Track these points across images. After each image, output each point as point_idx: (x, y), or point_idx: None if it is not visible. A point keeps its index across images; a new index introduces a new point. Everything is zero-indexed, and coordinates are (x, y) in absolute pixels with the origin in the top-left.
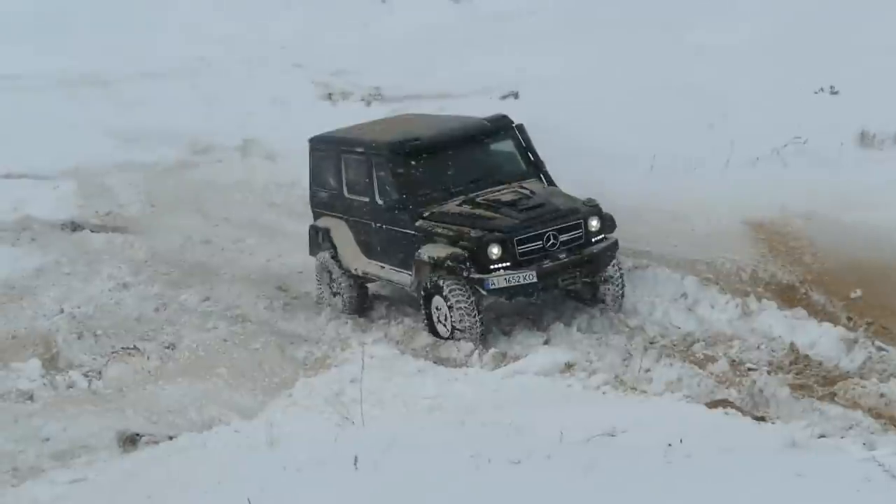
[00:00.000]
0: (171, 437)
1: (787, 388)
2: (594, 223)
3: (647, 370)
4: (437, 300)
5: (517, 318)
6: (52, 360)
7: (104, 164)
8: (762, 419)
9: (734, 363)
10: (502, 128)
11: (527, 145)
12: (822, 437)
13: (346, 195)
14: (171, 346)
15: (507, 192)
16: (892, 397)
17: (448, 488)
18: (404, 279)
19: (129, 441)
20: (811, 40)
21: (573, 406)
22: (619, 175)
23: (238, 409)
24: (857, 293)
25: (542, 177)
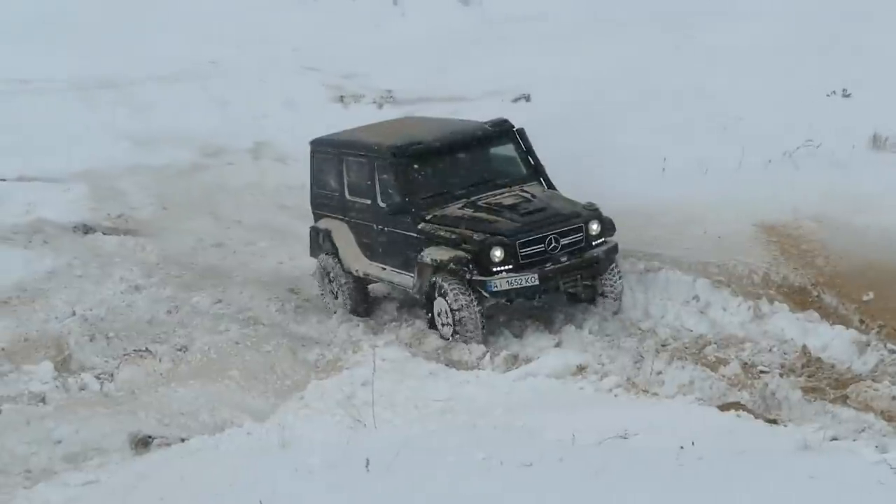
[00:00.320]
0: (184, 440)
1: (800, 391)
2: (594, 227)
3: (659, 373)
4: (439, 302)
5: (528, 320)
6: (64, 363)
7: (116, 167)
8: (774, 422)
9: (746, 366)
10: (503, 132)
11: (527, 149)
12: (835, 439)
13: (347, 197)
14: (184, 348)
15: (509, 196)
16: None
17: (460, 491)
18: (406, 281)
19: (142, 443)
20: (824, 42)
21: (585, 408)
22: (631, 177)
23: (250, 411)
24: (870, 296)
25: (541, 180)
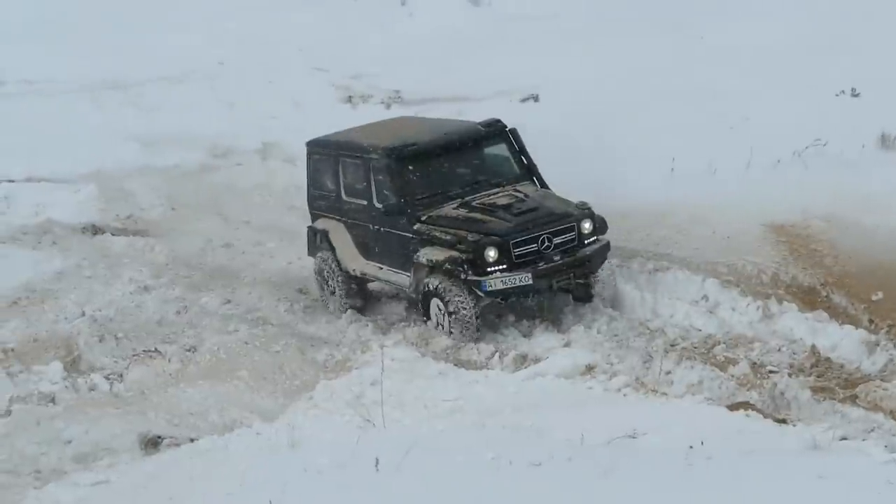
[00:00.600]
0: (193, 440)
1: (809, 391)
2: (587, 225)
3: (668, 372)
4: (435, 301)
5: (537, 320)
6: (73, 363)
7: (125, 168)
8: (783, 421)
9: (755, 365)
10: (496, 132)
11: (520, 149)
12: (844, 439)
13: (343, 198)
14: (193, 348)
15: (502, 196)
16: None
17: (469, 490)
18: (402, 280)
19: (151, 443)
20: (832, 42)
21: (594, 408)
22: (640, 177)
23: (259, 411)
24: (879, 295)
25: (534, 179)
